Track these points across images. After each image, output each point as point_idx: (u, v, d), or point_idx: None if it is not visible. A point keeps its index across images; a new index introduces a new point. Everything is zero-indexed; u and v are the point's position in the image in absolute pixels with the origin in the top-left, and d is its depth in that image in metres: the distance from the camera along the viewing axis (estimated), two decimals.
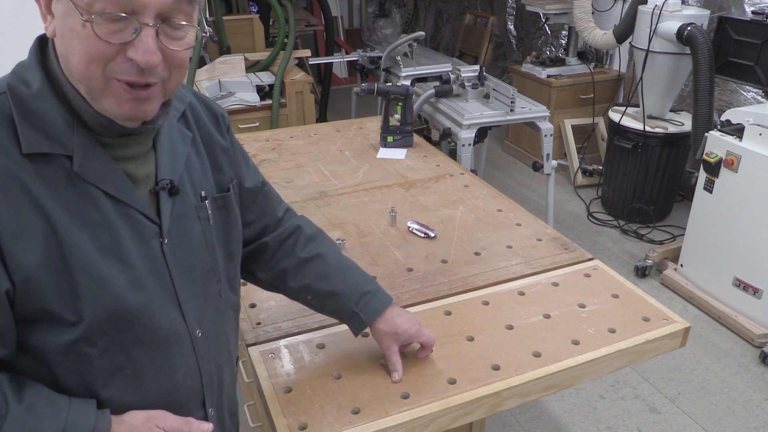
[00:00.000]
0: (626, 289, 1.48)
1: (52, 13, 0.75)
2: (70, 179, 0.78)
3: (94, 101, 0.77)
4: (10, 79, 0.78)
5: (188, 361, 0.92)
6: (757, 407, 2.41)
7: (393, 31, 6.62)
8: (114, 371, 0.84)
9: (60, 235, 0.76)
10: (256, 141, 2.40)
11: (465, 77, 3.15)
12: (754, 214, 2.64)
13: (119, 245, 0.81)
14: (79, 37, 0.72)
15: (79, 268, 0.77)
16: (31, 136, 0.75)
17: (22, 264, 0.74)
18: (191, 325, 0.91)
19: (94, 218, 0.79)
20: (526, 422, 2.35)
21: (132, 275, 0.82)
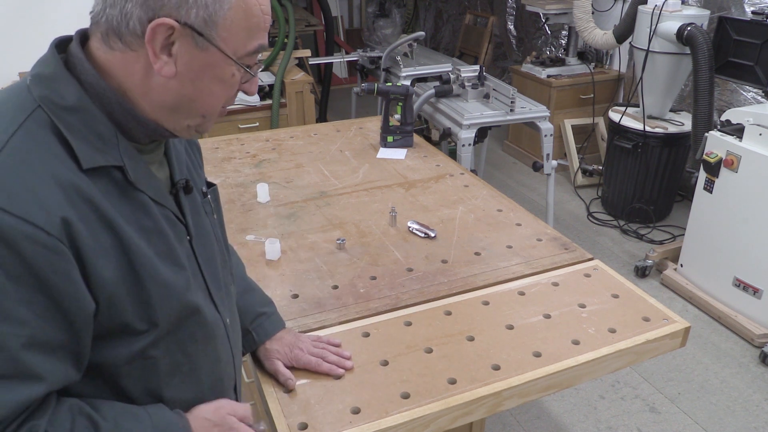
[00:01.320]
0: (626, 289, 1.48)
1: (170, 54, 0.75)
2: (122, 190, 0.78)
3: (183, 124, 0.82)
4: (39, 91, 0.75)
5: (226, 349, 0.97)
6: (757, 407, 2.41)
7: (393, 31, 6.61)
8: (173, 371, 0.87)
9: (127, 248, 0.77)
10: (256, 141, 2.40)
11: (465, 77, 3.15)
12: (754, 214, 2.64)
13: (171, 249, 0.84)
14: (225, 83, 0.80)
15: (147, 277, 0.79)
16: (86, 150, 0.75)
17: (105, 281, 0.74)
18: (222, 315, 0.96)
19: (147, 225, 0.81)
20: (526, 422, 2.35)
21: (184, 276, 0.85)
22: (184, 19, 0.74)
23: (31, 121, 0.73)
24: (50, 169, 0.71)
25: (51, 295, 0.70)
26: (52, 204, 0.70)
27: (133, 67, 0.77)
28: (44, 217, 0.69)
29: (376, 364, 1.22)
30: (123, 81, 0.77)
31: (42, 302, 0.70)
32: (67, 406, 0.76)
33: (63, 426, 0.74)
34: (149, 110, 0.80)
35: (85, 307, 0.73)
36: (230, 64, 0.79)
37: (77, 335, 0.74)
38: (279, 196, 1.94)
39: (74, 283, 0.71)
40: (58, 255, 0.69)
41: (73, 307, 0.72)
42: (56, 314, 0.71)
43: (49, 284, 0.70)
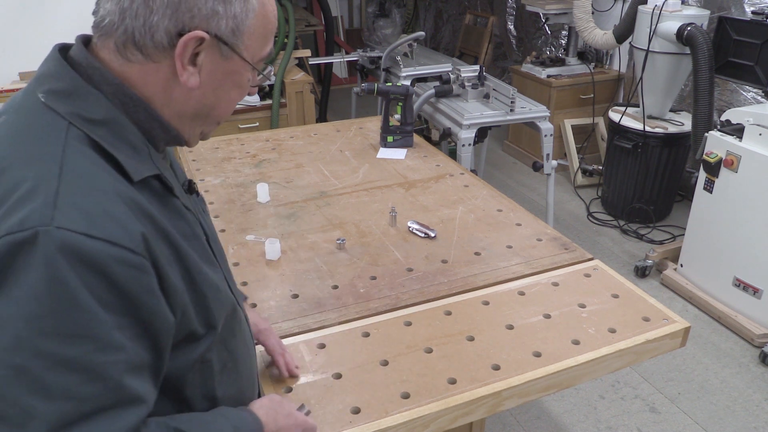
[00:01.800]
0: (626, 289, 1.48)
1: (194, 64, 0.75)
2: (161, 198, 0.78)
3: (197, 130, 0.84)
4: (66, 108, 0.72)
5: (250, 340, 1.00)
6: (757, 407, 2.41)
7: (393, 31, 6.61)
8: (223, 369, 0.88)
9: (182, 255, 0.76)
10: (256, 141, 2.40)
11: (465, 77, 3.15)
12: (754, 214, 2.64)
13: (206, 251, 0.85)
14: (242, 88, 0.82)
15: (201, 281, 0.79)
16: (132, 163, 0.74)
17: (177, 292, 0.74)
18: (243, 310, 0.98)
19: (186, 231, 0.81)
20: (526, 422, 2.35)
21: (221, 275, 0.87)
22: (214, 30, 0.74)
23: (72, 140, 0.70)
24: (112, 186, 0.70)
25: (140, 316, 0.69)
26: (128, 221, 0.68)
27: (152, 78, 0.75)
28: (127, 235, 0.67)
29: (376, 364, 1.22)
30: (141, 91, 0.76)
31: (133, 325, 0.69)
32: (155, 424, 0.74)
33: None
34: (168, 119, 0.79)
35: (168, 322, 0.73)
36: (248, 70, 0.80)
37: (161, 353, 0.74)
38: (279, 196, 1.94)
39: (158, 299, 0.71)
40: (145, 273, 0.69)
41: (159, 323, 0.71)
42: (144, 335, 0.70)
43: (139, 305, 0.69)
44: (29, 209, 0.64)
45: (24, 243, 0.63)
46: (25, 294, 0.62)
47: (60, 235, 0.63)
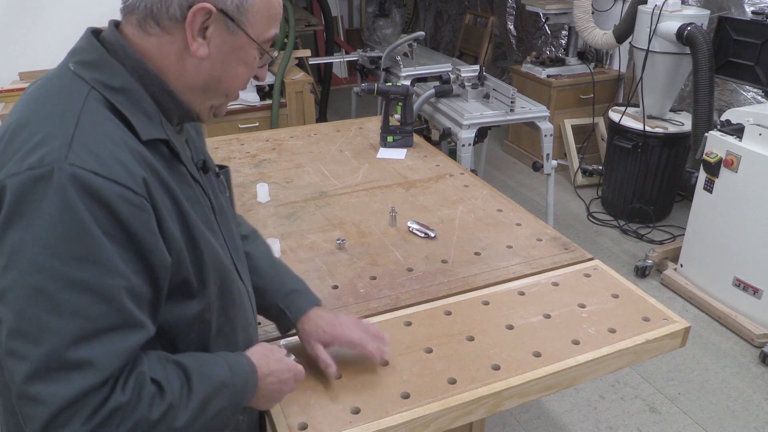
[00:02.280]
0: (626, 289, 1.48)
1: (204, 37, 0.84)
2: (169, 161, 0.87)
3: (207, 104, 0.91)
4: (91, 75, 0.82)
5: (251, 314, 1.07)
6: (757, 407, 2.41)
7: (393, 31, 6.61)
8: (219, 332, 0.95)
9: (183, 211, 0.85)
10: (256, 141, 2.40)
11: (465, 77, 3.15)
12: (754, 214, 2.64)
13: (208, 217, 0.93)
14: (248, 65, 0.89)
15: (199, 237, 0.87)
16: (142, 125, 0.82)
17: (174, 237, 0.82)
18: (246, 284, 1.05)
19: (191, 195, 0.89)
20: (526, 422, 2.35)
21: (219, 242, 0.94)
22: (221, 5, 0.83)
23: (91, 99, 0.80)
24: (121, 137, 0.79)
25: (140, 251, 0.77)
26: (132, 166, 0.77)
27: (168, 49, 0.84)
28: (130, 177, 0.76)
29: (376, 364, 1.22)
30: (159, 63, 0.85)
31: (134, 259, 0.77)
32: (155, 355, 0.83)
33: (159, 372, 0.81)
34: (181, 91, 0.88)
35: (165, 260, 0.80)
36: (254, 48, 0.88)
37: (158, 290, 0.82)
38: (279, 196, 1.94)
39: (157, 237, 0.79)
40: (144, 211, 0.77)
41: (157, 260, 0.79)
42: (144, 269, 0.78)
43: (139, 240, 0.77)
44: (47, 149, 0.74)
45: (42, 177, 0.72)
46: (42, 222, 0.71)
47: (72, 171, 0.72)
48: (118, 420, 0.75)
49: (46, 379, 0.71)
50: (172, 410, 0.80)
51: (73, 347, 0.72)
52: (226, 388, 0.87)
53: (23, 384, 0.72)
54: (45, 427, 0.72)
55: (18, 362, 0.72)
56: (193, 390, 0.83)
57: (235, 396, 0.89)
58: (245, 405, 0.94)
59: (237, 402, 0.90)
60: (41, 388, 0.71)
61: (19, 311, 0.72)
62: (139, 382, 0.77)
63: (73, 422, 0.72)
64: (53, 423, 0.72)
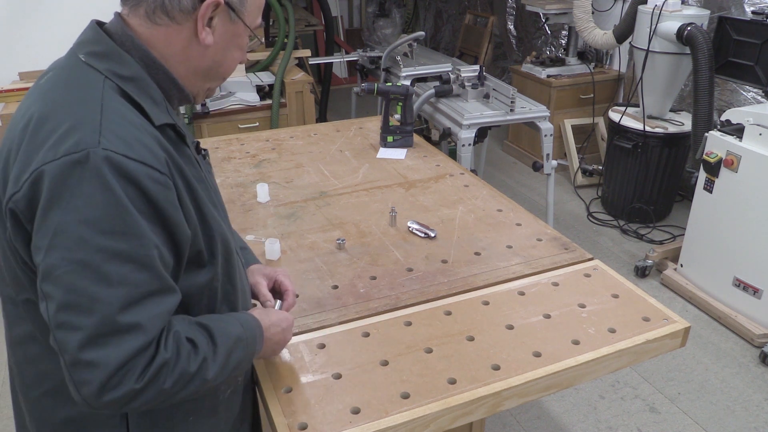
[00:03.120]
0: (626, 289, 1.48)
1: (210, 26, 0.92)
2: (177, 144, 0.93)
3: (204, 87, 1.00)
4: (104, 65, 0.88)
5: (247, 285, 1.15)
6: (757, 407, 2.41)
7: (393, 31, 6.62)
8: (223, 298, 1.03)
9: (193, 189, 0.92)
10: (256, 141, 2.40)
11: (465, 77, 3.15)
12: (754, 214, 2.64)
13: (211, 195, 1.00)
14: (242, 49, 0.99)
15: (208, 213, 0.95)
16: (155, 111, 0.89)
17: (190, 213, 0.90)
18: (239, 253, 1.12)
19: (197, 174, 0.96)
20: (526, 422, 2.35)
21: (221, 217, 1.02)
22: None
23: (108, 89, 0.86)
24: (140, 122, 0.86)
25: (166, 225, 0.85)
26: (155, 148, 0.85)
27: (175, 38, 0.91)
28: (155, 159, 0.84)
29: (376, 364, 1.22)
30: (163, 52, 0.92)
31: (161, 232, 0.85)
32: (181, 318, 0.91)
33: (190, 330, 0.89)
34: (183, 77, 0.95)
35: (186, 233, 0.88)
36: (247, 34, 0.98)
37: (180, 260, 0.90)
38: (279, 196, 1.94)
39: (179, 212, 0.87)
40: (169, 189, 0.85)
41: (180, 233, 0.87)
42: (170, 241, 0.87)
43: (165, 215, 0.84)
44: (80, 136, 0.80)
45: (79, 162, 0.78)
46: (82, 202, 0.78)
47: (106, 154, 0.79)
48: (165, 374, 0.83)
49: (101, 345, 0.78)
50: (206, 363, 0.88)
51: (122, 313, 0.79)
52: (241, 341, 0.97)
53: (78, 352, 0.77)
54: (102, 388, 0.78)
55: (70, 333, 0.78)
56: (218, 345, 0.91)
57: (249, 347, 0.99)
58: (257, 356, 1.05)
59: (251, 353, 1.00)
60: (96, 354, 0.78)
61: (68, 286, 0.78)
62: (176, 340, 0.86)
63: (127, 381, 0.79)
64: (109, 384, 0.78)
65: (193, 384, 0.87)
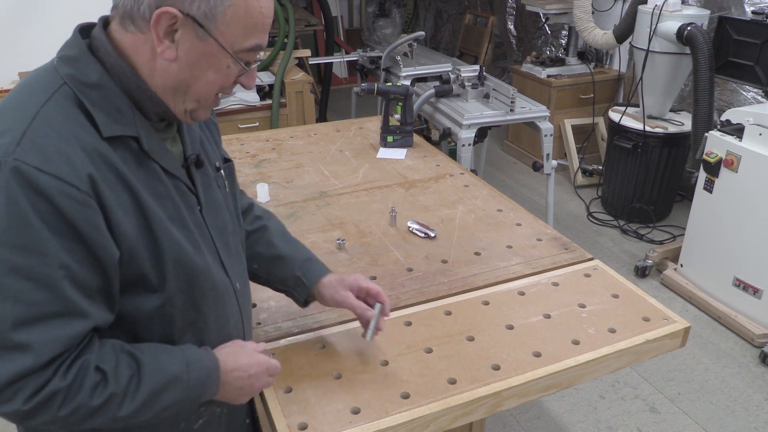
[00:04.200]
0: (626, 289, 1.48)
1: (172, 39, 0.83)
2: (138, 158, 0.87)
3: (181, 107, 0.90)
4: (65, 70, 0.84)
5: (235, 311, 1.06)
6: (757, 407, 2.41)
7: (393, 31, 6.61)
8: (187, 327, 0.96)
9: (143, 207, 0.86)
10: (256, 141, 2.40)
11: (465, 77, 3.15)
12: (754, 214, 2.64)
13: (180, 213, 0.93)
14: (220, 72, 0.87)
15: (161, 235, 0.88)
16: (106, 121, 0.84)
17: (125, 234, 0.84)
18: (233, 280, 1.04)
19: (160, 191, 0.90)
20: (526, 422, 2.35)
21: (192, 239, 0.94)
22: (187, 10, 0.81)
23: (58, 95, 0.82)
24: (75, 134, 0.81)
25: (85, 243, 0.80)
26: (79, 163, 0.79)
27: (142, 47, 0.85)
28: (74, 174, 0.78)
29: (376, 364, 1.22)
30: (135, 61, 0.86)
31: (79, 250, 0.80)
32: (110, 345, 0.87)
33: (109, 361, 0.85)
34: (156, 90, 0.88)
35: (112, 254, 0.82)
36: (226, 57, 0.86)
37: (109, 280, 0.84)
38: (279, 196, 1.94)
39: (102, 234, 0.81)
40: (87, 207, 0.79)
41: (103, 253, 0.82)
42: (91, 260, 0.81)
43: (83, 234, 0.79)
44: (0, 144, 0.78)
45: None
46: None
47: (16, 165, 0.76)
48: (58, 402, 0.80)
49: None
50: (115, 398, 0.84)
51: (14, 330, 0.77)
52: (179, 381, 0.90)
53: None
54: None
55: None
56: (143, 381, 0.86)
57: (190, 390, 0.92)
58: (207, 399, 0.97)
59: (193, 396, 0.93)
60: None
61: None
62: (82, 369, 0.82)
63: (15, 400, 0.78)
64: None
65: (100, 417, 0.84)
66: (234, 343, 1.03)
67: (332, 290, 1.20)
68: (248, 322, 1.13)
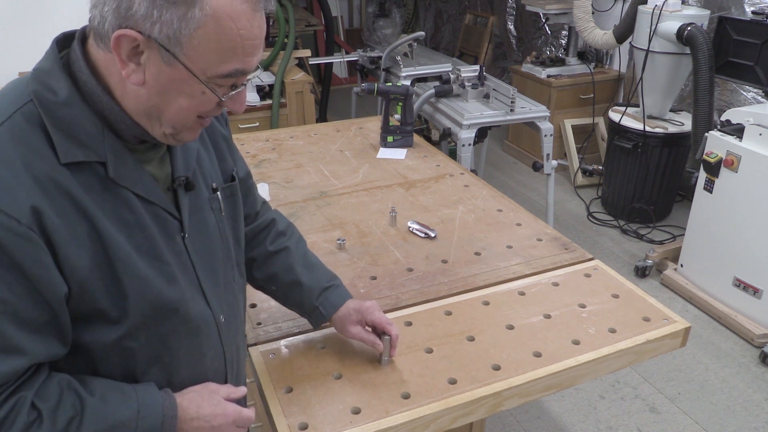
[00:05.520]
0: (626, 289, 1.48)
1: (138, 63, 0.76)
2: (105, 184, 0.81)
3: (159, 131, 0.82)
4: (33, 85, 0.78)
5: (215, 345, 0.99)
6: (757, 407, 2.41)
7: (393, 31, 6.61)
8: (152, 361, 0.90)
9: (104, 239, 0.80)
10: (256, 141, 2.40)
11: (465, 77, 3.15)
12: (754, 214, 2.64)
13: (152, 243, 0.86)
14: (194, 98, 0.79)
15: (123, 268, 0.81)
16: (66, 145, 0.77)
17: (76, 268, 0.78)
18: (215, 312, 0.97)
19: (129, 220, 0.83)
20: (526, 422, 2.35)
21: (166, 271, 0.87)
22: (149, 32, 0.73)
23: (19, 115, 0.76)
24: (26, 161, 0.75)
25: (26, 277, 0.75)
26: (23, 195, 0.73)
27: (113, 68, 0.78)
28: (15, 206, 0.73)
29: (376, 364, 1.22)
30: (108, 80, 0.80)
31: (20, 284, 0.75)
32: (56, 381, 0.81)
33: (51, 399, 0.79)
34: (131, 112, 0.81)
35: (57, 290, 0.77)
36: (197, 83, 0.78)
37: (56, 314, 0.78)
38: (279, 196, 1.94)
39: (46, 268, 0.75)
40: (29, 242, 0.74)
41: (47, 289, 0.76)
42: (34, 294, 0.76)
43: (24, 268, 0.74)
44: None
45: None
46: None
47: None
48: None
49: None
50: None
51: None
52: (125, 428, 0.84)
53: None
54: None
55: None
56: (83, 425, 0.81)
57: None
58: None
59: None
60: None
61: None
62: (17, 407, 0.77)
63: None
64: None
65: None
66: (204, 386, 0.96)
67: (345, 325, 1.20)
68: (234, 356, 1.06)
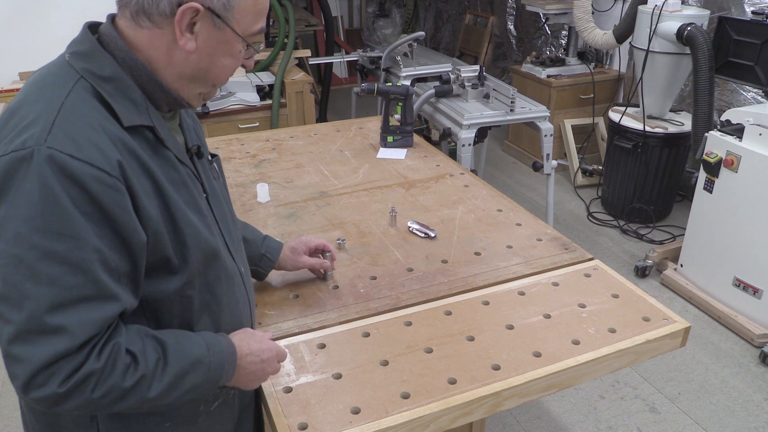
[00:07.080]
0: (626, 289, 1.48)
1: (192, 32, 0.88)
2: (155, 147, 0.92)
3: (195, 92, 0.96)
4: (81, 65, 0.87)
5: (242, 294, 1.11)
6: (757, 407, 2.41)
7: (393, 31, 6.62)
8: (203, 309, 1.00)
9: (164, 193, 0.90)
10: (256, 141, 2.40)
11: (465, 77, 3.15)
12: (754, 214, 2.64)
13: (194, 199, 0.97)
14: (234, 57, 0.94)
15: (180, 218, 0.92)
16: (125, 112, 0.88)
17: (151, 217, 0.87)
18: (238, 263, 1.10)
19: (175, 178, 0.94)
20: (526, 422, 2.35)
21: (205, 223, 0.99)
22: (208, 3, 0.87)
23: (78, 87, 0.86)
24: (100, 123, 0.84)
25: (115, 228, 0.83)
26: (107, 150, 0.83)
27: (158, 42, 0.89)
28: (105, 160, 0.81)
29: (376, 364, 1.22)
30: (149, 54, 0.90)
31: (109, 235, 0.83)
32: (135, 329, 0.90)
33: (137, 344, 0.88)
34: (170, 80, 0.93)
35: (140, 238, 0.86)
36: (239, 42, 0.93)
37: (136, 264, 0.87)
38: (279, 196, 1.94)
39: (131, 217, 0.84)
40: (118, 192, 0.82)
41: (132, 237, 0.85)
42: (121, 245, 0.84)
43: (114, 218, 0.82)
44: (30, 133, 0.81)
45: (24, 158, 0.79)
46: (23, 199, 0.79)
47: (50, 153, 0.79)
48: (92, 384, 0.82)
49: (27, 341, 0.79)
50: (145, 380, 0.86)
51: (50, 313, 0.79)
52: (201, 364, 0.93)
53: (8, 345, 0.80)
54: (26, 384, 0.80)
55: (4, 325, 0.80)
56: (169, 364, 0.89)
57: (211, 372, 0.95)
58: (225, 383, 1.00)
59: (213, 378, 0.96)
60: (22, 349, 0.79)
61: (4, 278, 0.79)
62: (114, 352, 0.84)
63: (51, 382, 0.80)
64: (33, 381, 0.80)
65: (131, 399, 0.86)
66: (245, 330, 1.08)
67: (292, 260, 1.39)
68: (253, 307, 1.19)
